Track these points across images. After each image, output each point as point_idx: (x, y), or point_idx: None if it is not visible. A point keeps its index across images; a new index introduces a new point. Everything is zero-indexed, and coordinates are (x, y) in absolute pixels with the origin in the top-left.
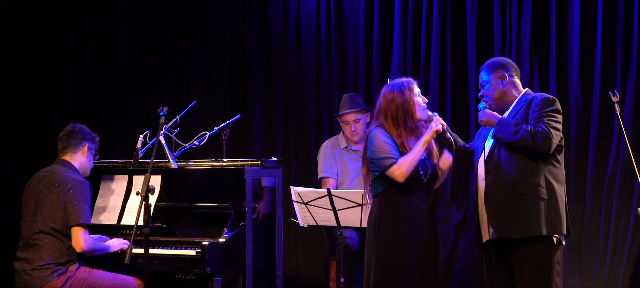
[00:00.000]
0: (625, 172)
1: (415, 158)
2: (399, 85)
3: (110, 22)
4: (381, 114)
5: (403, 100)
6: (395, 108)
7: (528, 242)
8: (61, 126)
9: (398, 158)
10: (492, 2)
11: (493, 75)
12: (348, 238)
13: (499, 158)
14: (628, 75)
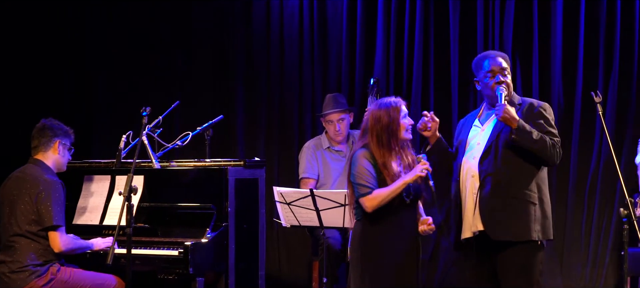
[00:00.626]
0: (607, 173)
1: (390, 196)
2: (386, 105)
3: (92, 22)
4: (367, 133)
5: (389, 121)
6: (381, 128)
7: (514, 244)
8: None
9: (374, 189)
10: (475, 2)
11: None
12: (331, 239)
13: (495, 159)
14: (610, 76)
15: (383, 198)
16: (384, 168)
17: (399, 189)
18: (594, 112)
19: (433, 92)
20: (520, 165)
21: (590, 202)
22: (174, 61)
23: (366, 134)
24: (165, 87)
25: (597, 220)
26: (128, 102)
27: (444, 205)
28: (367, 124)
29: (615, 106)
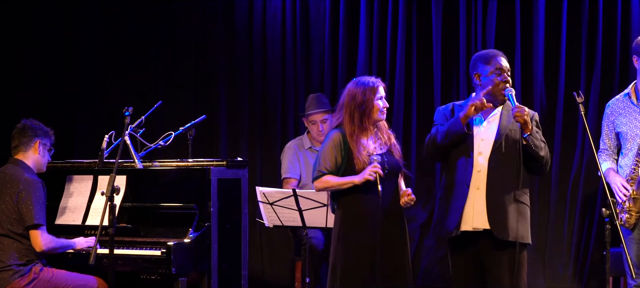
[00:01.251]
0: (589, 173)
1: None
2: (363, 84)
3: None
4: (342, 108)
5: (363, 100)
6: (354, 106)
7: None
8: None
9: (325, 174)
10: (458, 2)
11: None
12: (313, 239)
13: (503, 157)
14: (593, 76)
15: (329, 186)
16: (355, 147)
17: (345, 185)
18: (576, 112)
19: (415, 92)
20: (522, 169)
21: (572, 202)
22: (156, 61)
23: (341, 110)
24: (147, 87)
25: (579, 221)
26: (111, 102)
27: (428, 205)
28: (343, 99)
29: (597, 107)
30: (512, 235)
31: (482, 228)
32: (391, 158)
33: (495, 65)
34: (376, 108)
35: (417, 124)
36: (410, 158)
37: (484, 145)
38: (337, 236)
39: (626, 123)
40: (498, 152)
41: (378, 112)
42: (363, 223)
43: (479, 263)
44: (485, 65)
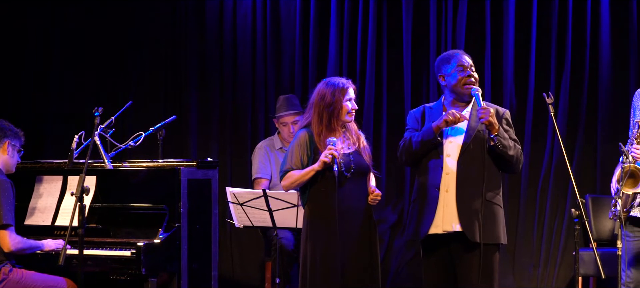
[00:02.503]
0: (559, 173)
1: (300, 179)
2: (333, 85)
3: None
4: (311, 108)
5: (332, 101)
6: (323, 106)
7: (478, 246)
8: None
9: (291, 170)
10: (428, 4)
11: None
12: (283, 239)
13: (472, 159)
14: (562, 77)
15: (294, 180)
16: (322, 147)
17: (307, 175)
18: (546, 113)
19: (386, 93)
20: (492, 168)
21: (541, 203)
22: (126, 61)
23: (310, 109)
24: (117, 88)
25: (548, 221)
26: (80, 103)
27: (397, 206)
28: (313, 99)
29: (567, 107)
30: (484, 236)
31: (453, 231)
32: (359, 159)
33: (456, 63)
34: (345, 109)
35: (387, 125)
36: (381, 159)
37: (453, 147)
38: (306, 235)
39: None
40: (467, 153)
41: (346, 113)
42: (331, 221)
43: (451, 265)
44: (446, 65)
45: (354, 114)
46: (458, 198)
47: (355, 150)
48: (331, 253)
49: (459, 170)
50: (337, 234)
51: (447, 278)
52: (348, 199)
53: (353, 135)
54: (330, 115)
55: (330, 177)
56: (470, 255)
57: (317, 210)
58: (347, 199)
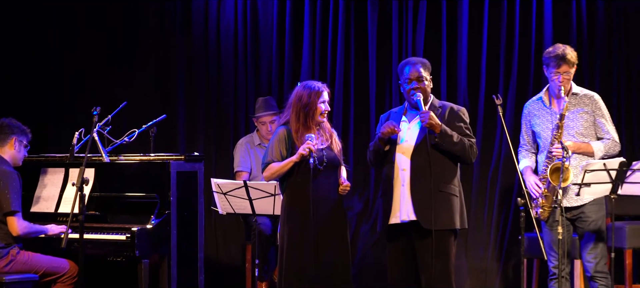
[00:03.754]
0: (506, 167)
1: (280, 170)
2: (310, 88)
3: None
4: (289, 107)
5: (308, 102)
6: (300, 106)
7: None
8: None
9: (270, 163)
10: (391, 15)
11: (428, 75)
12: (262, 225)
13: (426, 155)
14: (510, 80)
15: (274, 171)
16: (298, 142)
17: (286, 166)
18: (495, 112)
19: (353, 93)
20: (445, 162)
21: (491, 192)
22: (122, 66)
23: (288, 108)
24: (113, 89)
25: (497, 208)
26: (80, 102)
27: (363, 196)
28: (292, 99)
29: (514, 108)
30: (437, 223)
31: (410, 220)
32: (331, 154)
33: (403, 76)
34: (319, 110)
35: (354, 123)
36: (349, 153)
37: (408, 146)
38: (283, 220)
39: (539, 123)
40: (419, 150)
41: (320, 113)
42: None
43: (411, 250)
44: (400, 75)
45: (327, 114)
46: (412, 191)
47: (327, 146)
48: (306, 236)
49: (412, 167)
50: (311, 220)
51: (407, 263)
52: (321, 189)
53: (326, 133)
54: (306, 115)
55: (306, 169)
56: (426, 240)
57: (294, 198)
58: (320, 189)
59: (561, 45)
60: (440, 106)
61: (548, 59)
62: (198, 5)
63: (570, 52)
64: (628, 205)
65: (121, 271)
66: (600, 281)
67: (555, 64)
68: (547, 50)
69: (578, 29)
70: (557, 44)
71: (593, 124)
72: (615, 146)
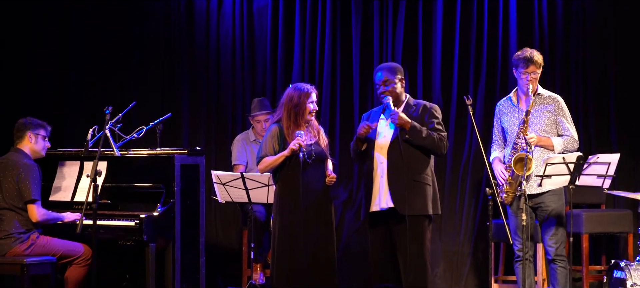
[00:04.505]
0: (476, 160)
1: (273, 163)
2: (299, 89)
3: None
4: (281, 107)
5: (298, 102)
6: (291, 106)
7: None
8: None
9: (264, 157)
10: (373, 24)
11: (396, 77)
12: (257, 212)
13: (400, 149)
14: (479, 83)
15: (268, 164)
16: (289, 138)
17: (278, 160)
18: (466, 111)
19: (339, 93)
20: (418, 155)
21: (462, 183)
22: (131, 69)
23: (280, 108)
24: (124, 91)
25: (468, 197)
26: (94, 102)
27: (348, 186)
28: (284, 99)
29: (483, 108)
30: (411, 209)
31: (388, 207)
32: (318, 148)
33: (375, 82)
34: (308, 109)
35: (340, 120)
36: (335, 148)
37: (385, 142)
38: (276, 209)
39: (507, 120)
40: (394, 146)
41: (309, 112)
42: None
43: (389, 234)
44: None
45: (315, 113)
46: (389, 182)
47: (315, 141)
48: (296, 222)
49: (389, 160)
50: (300, 207)
51: (387, 246)
52: (310, 180)
53: (314, 129)
54: (297, 114)
55: (296, 163)
56: (403, 225)
57: (285, 189)
58: (309, 180)
59: (529, 49)
60: (414, 104)
61: (517, 61)
62: (200, 16)
63: (537, 55)
64: (585, 194)
65: (130, 254)
66: (559, 263)
67: (524, 65)
68: (516, 54)
69: (540, 33)
70: (525, 48)
71: (555, 122)
72: (573, 143)
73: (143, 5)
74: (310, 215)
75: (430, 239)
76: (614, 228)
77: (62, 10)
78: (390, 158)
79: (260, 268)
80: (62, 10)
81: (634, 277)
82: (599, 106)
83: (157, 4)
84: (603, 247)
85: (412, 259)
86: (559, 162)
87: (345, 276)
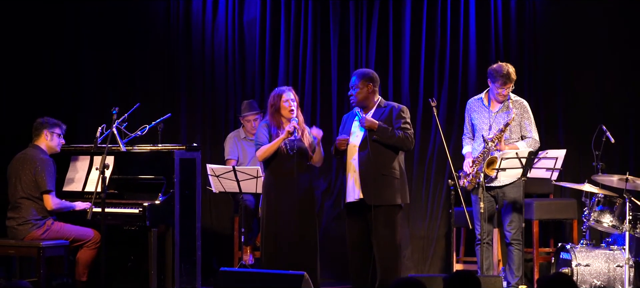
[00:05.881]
0: (440, 155)
1: (269, 149)
2: (274, 92)
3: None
4: (266, 108)
5: (273, 103)
6: (269, 106)
7: (383, 207)
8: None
9: (263, 145)
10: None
11: (362, 82)
12: (247, 201)
13: (369, 147)
14: (442, 87)
15: (264, 151)
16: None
17: (275, 145)
18: (431, 112)
19: (319, 95)
20: (385, 151)
21: (428, 175)
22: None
23: (266, 109)
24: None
25: (433, 188)
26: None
27: (327, 178)
28: (267, 103)
29: (445, 109)
30: (381, 199)
31: (359, 198)
32: (301, 144)
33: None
34: (283, 107)
35: (320, 118)
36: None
37: (357, 140)
38: (264, 197)
39: (477, 118)
40: (364, 145)
41: (286, 109)
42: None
43: (364, 222)
44: None
45: (294, 107)
46: (361, 176)
47: (299, 138)
48: (282, 209)
49: (359, 157)
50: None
51: (361, 231)
52: (293, 171)
53: (299, 129)
54: (275, 112)
55: (282, 156)
56: (375, 213)
57: (273, 179)
58: (293, 171)
59: (506, 66)
60: (385, 105)
61: (495, 76)
62: (196, 28)
63: (513, 72)
64: (535, 185)
65: (135, 238)
66: (516, 246)
67: (502, 83)
68: (494, 68)
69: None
70: (501, 64)
71: (519, 124)
72: (535, 144)
73: (145, 19)
74: (294, 203)
75: (400, 226)
76: (560, 215)
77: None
78: (360, 156)
79: (250, 250)
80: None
81: (578, 257)
82: (548, 106)
83: (157, 17)
84: (551, 231)
85: (385, 244)
86: (512, 157)
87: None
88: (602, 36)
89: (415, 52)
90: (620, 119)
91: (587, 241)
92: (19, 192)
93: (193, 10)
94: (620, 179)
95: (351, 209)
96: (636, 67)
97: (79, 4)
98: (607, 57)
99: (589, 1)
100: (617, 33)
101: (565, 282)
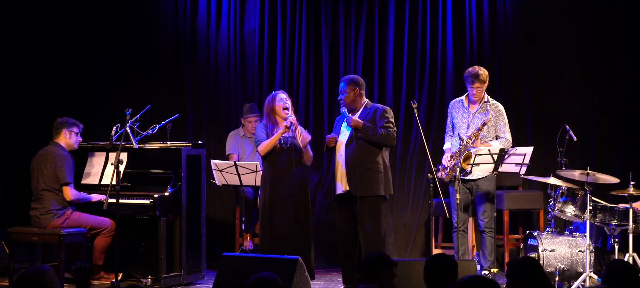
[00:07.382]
0: (420, 152)
1: (269, 143)
2: (269, 97)
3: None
4: (264, 111)
5: (268, 104)
6: (266, 107)
7: (367, 198)
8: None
9: (262, 141)
10: (338, 41)
11: (349, 88)
12: (247, 192)
13: (355, 144)
14: (423, 89)
15: (265, 146)
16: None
17: (274, 140)
18: (412, 113)
19: (312, 97)
20: (370, 148)
21: (409, 169)
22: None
23: (263, 111)
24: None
25: (414, 181)
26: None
27: (319, 173)
28: (264, 106)
29: (425, 110)
30: (365, 191)
31: (346, 190)
32: (294, 141)
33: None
34: (278, 106)
35: (312, 119)
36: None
37: (344, 138)
38: (262, 189)
39: (457, 117)
40: (350, 142)
41: (280, 109)
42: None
43: (352, 212)
44: None
45: (288, 107)
46: (347, 170)
47: (293, 136)
48: (279, 201)
49: (346, 153)
50: (282, 189)
51: (350, 221)
52: (288, 165)
53: (292, 128)
54: (271, 112)
55: (278, 153)
56: (360, 204)
57: (270, 173)
58: (287, 165)
59: (477, 67)
60: (371, 107)
61: (467, 76)
62: (201, 37)
63: (483, 72)
64: (506, 179)
65: (146, 226)
66: (488, 234)
67: (471, 81)
68: (468, 70)
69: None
70: (475, 66)
71: (495, 125)
72: (508, 143)
73: (155, 29)
74: (288, 194)
75: (384, 215)
76: (528, 205)
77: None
78: (347, 152)
79: (250, 237)
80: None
81: (544, 243)
82: (517, 107)
83: (167, 28)
84: (520, 220)
85: (370, 232)
86: (485, 153)
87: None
88: (568, 44)
89: (398, 59)
90: (582, 119)
91: (552, 229)
92: (41, 184)
93: (198, 23)
94: (581, 173)
95: (340, 200)
96: (597, 72)
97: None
98: (571, 63)
99: (556, 12)
100: (581, 41)
101: (532, 265)
